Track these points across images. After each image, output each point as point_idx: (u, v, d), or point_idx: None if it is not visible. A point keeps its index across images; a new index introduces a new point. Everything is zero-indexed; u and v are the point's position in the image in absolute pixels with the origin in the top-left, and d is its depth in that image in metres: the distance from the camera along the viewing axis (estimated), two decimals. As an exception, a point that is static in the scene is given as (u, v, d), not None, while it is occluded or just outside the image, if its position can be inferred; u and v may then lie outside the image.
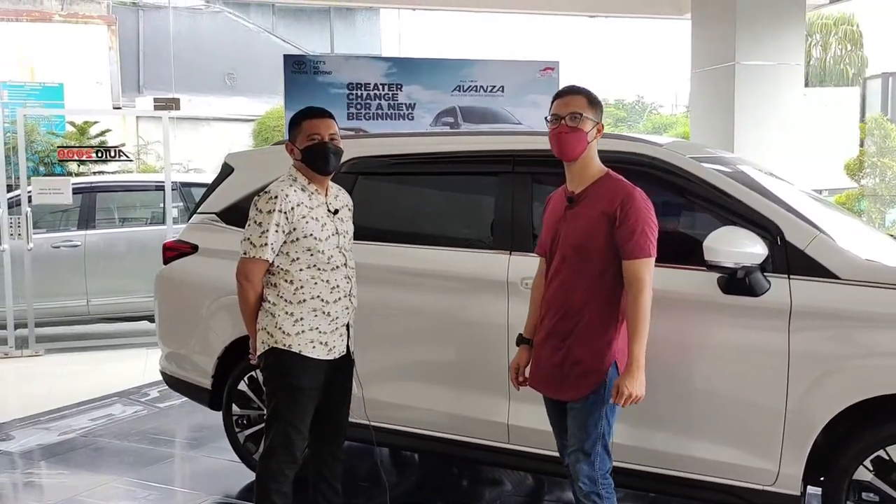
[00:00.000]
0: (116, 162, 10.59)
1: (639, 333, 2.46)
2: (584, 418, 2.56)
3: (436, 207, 3.53)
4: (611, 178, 2.63)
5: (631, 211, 2.50)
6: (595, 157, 2.66)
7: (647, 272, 2.49)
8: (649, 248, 2.50)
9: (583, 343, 2.57)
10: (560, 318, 2.63)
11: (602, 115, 2.65)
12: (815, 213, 3.02)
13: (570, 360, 2.59)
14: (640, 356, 2.46)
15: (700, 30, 7.43)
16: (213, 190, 4.16)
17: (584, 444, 2.55)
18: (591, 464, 2.55)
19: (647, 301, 2.48)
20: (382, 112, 7.70)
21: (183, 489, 3.93)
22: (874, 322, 2.62)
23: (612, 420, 2.59)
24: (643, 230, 2.49)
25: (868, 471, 2.65)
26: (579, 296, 2.58)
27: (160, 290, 4.21)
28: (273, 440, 2.86)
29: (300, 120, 2.93)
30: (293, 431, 2.85)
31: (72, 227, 7.82)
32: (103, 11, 18.63)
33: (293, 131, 2.93)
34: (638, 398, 2.47)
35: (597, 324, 2.56)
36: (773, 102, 7.06)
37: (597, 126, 2.61)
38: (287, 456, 2.85)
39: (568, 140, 2.58)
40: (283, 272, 2.81)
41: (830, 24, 22.21)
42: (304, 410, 2.87)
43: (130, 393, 5.67)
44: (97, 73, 17.84)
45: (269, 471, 2.86)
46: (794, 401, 2.70)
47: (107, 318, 7.80)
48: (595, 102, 2.63)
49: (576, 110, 2.58)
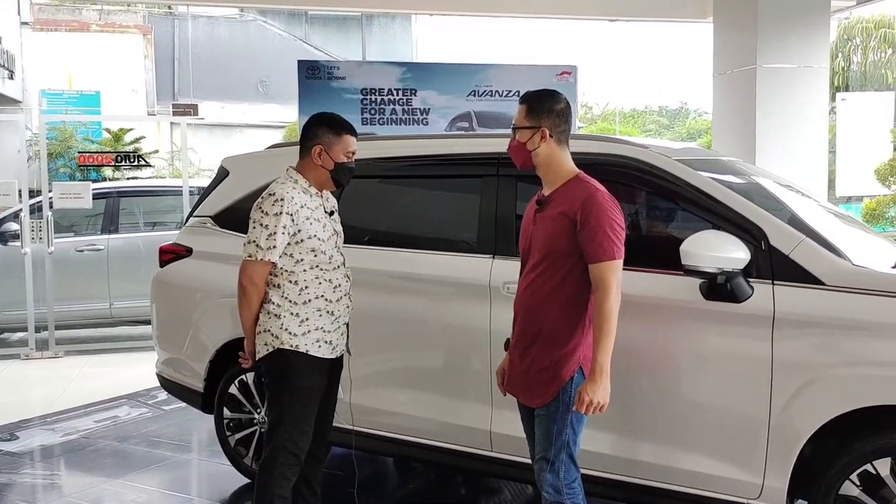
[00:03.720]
0: (148, 167, 10.82)
1: (603, 339, 2.37)
2: (548, 426, 2.49)
3: (420, 211, 3.49)
4: (577, 181, 2.55)
5: (592, 213, 2.41)
6: (560, 160, 2.58)
7: (612, 275, 2.40)
8: (613, 251, 2.41)
9: (547, 348, 2.51)
10: (527, 322, 2.58)
11: (551, 117, 2.54)
12: (812, 219, 2.91)
13: (535, 366, 2.53)
14: (603, 362, 2.37)
15: (722, 33, 7.28)
16: (209, 193, 4.19)
17: (548, 452, 2.49)
18: (555, 473, 2.48)
19: (612, 306, 2.38)
20: (396, 117, 7.71)
21: (173, 492, 3.93)
22: (861, 330, 2.50)
23: (578, 428, 2.50)
24: (605, 232, 2.40)
25: (855, 486, 2.52)
26: (544, 300, 2.52)
27: (156, 294, 4.25)
28: (277, 442, 2.83)
29: (341, 131, 2.88)
30: (298, 433, 2.83)
31: (96, 231, 7.99)
32: (139, 21, 19.10)
33: (327, 136, 2.86)
34: (601, 406, 2.38)
35: (562, 329, 2.49)
36: (796, 107, 6.87)
37: (537, 132, 2.54)
38: (291, 458, 2.83)
39: (512, 153, 2.65)
40: (288, 273, 2.81)
41: (871, 27, 21.62)
42: (310, 411, 2.86)
43: (139, 395, 5.74)
44: (133, 81, 18.30)
45: (271, 475, 2.83)
46: (778, 411, 2.59)
47: (129, 320, 7.94)
48: (535, 108, 2.56)
49: (514, 124, 2.62)
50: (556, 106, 2.57)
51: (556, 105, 2.57)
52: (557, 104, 2.58)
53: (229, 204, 4.00)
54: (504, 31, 23.51)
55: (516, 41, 24.42)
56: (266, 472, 2.85)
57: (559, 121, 2.56)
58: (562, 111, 2.58)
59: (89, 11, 18.53)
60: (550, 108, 2.56)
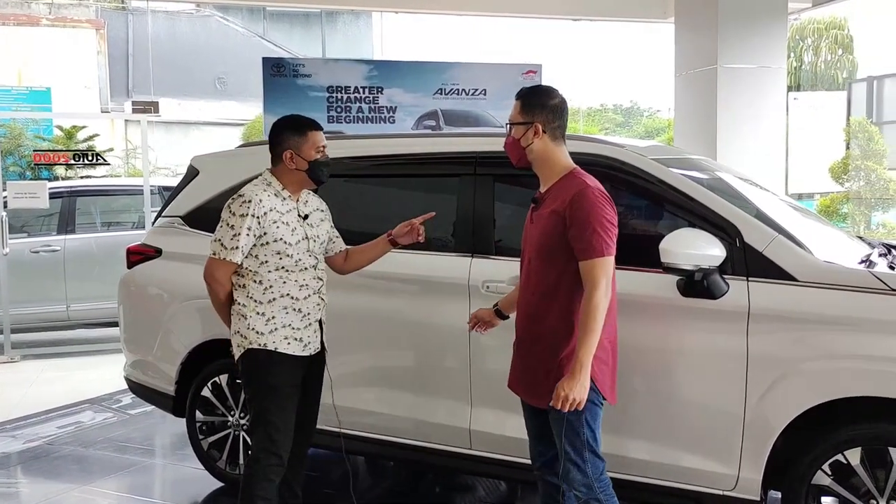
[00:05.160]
0: (103, 166, 10.54)
1: (586, 335, 2.33)
2: (561, 426, 2.45)
3: (398, 210, 3.46)
4: (570, 177, 2.51)
5: (581, 209, 2.38)
6: (555, 157, 2.55)
7: (601, 272, 2.36)
8: (602, 248, 2.37)
9: (549, 351, 2.48)
10: (527, 323, 2.56)
11: (545, 113, 2.52)
12: (780, 216, 2.98)
13: (539, 368, 2.51)
14: (584, 359, 2.33)
15: (683, 33, 7.42)
16: (179, 193, 4.11)
17: (571, 453, 2.44)
18: (583, 472, 2.44)
19: (598, 302, 2.34)
20: (363, 115, 7.67)
21: (144, 498, 3.85)
22: (832, 325, 2.58)
23: (594, 424, 2.46)
24: (594, 228, 2.36)
25: (827, 475, 2.60)
26: (542, 301, 2.49)
27: (124, 296, 4.15)
28: (257, 444, 2.83)
29: (304, 129, 2.85)
30: (275, 432, 2.81)
31: (51, 231, 7.76)
32: (91, 15, 18.60)
33: (293, 139, 2.83)
34: (578, 402, 2.34)
35: (561, 329, 2.46)
36: (755, 106, 7.04)
37: (531, 127, 2.53)
38: (272, 458, 2.81)
39: (507, 149, 2.64)
40: (252, 273, 2.80)
41: (822, 28, 22.26)
42: (285, 409, 2.83)
43: (102, 400, 5.60)
44: (85, 77, 17.79)
45: (254, 477, 2.82)
46: (753, 404, 2.65)
47: (87, 323, 7.74)
48: (529, 104, 2.55)
49: (508, 120, 2.61)
50: (549, 101, 2.54)
51: (550, 100, 2.54)
52: (551, 99, 2.55)
53: (199, 203, 3.92)
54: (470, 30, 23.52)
55: (483, 40, 24.44)
56: (248, 474, 2.85)
57: (553, 116, 2.53)
58: (556, 106, 2.54)
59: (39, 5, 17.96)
60: (544, 103, 2.53)
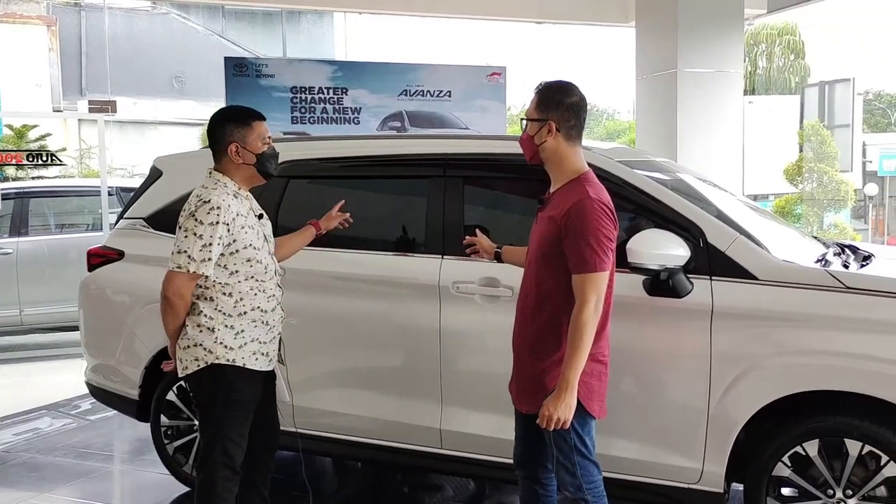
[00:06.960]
0: (57, 166, 10.29)
1: (574, 353, 2.27)
2: (549, 434, 2.42)
3: (368, 211, 3.48)
4: (576, 183, 2.41)
5: (577, 220, 2.30)
6: (567, 157, 2.45)
7: (592, 288, 2.28)
8: (595, 263, 2.28)
9: (534, 357, 2.46)
10: (520, 326, 2.54)
11: (560, 111, 2.42)
12: (740, 216, 3.07)
13: (524, 373, 2.52)
14: (570, 378, 2.27)
15: (644, 37, 7.55)
16: (141, 194, 4.04)
17: (560, 457, 2.43)
18: (572, 474, 2.43)
19: (587, 320, 2.27)
20: (327, 116, 7.63)
21: (107, 504, 3.79)
22: (790, 321, 2.67)
23: (583, 430, 2.42)
24: (588, 242, 2.28)
25: (786, 467, 2.69)
26: (535, 306, 2.46)
27: (85, 299, 4.06)
28: (214, 458, 2.72)
29: (248, 119, 2.75)
30: (233, 446, 2.74)
31: (3, 234, 7.56)
32: (42, 11, 18.13)
33: (238, 131, 2.72)
34: (563, 422, 2.30)
35: (548, 336, 2.42)
36: (714, 109, 7.21)
37: (545, 125, 2.43)
38: (229, 472, 2.74)
39: (522, 145, 2.55)
40: (221, 285, 2.67)
41: (775, 34, 22.89)
42: (244, 424, 2.77)
43: (60, 405, 5.46)
44: (36, 75, 17.33)
45: (213, 490, 2.72)
46: (716, 400, 2.73)
47: (41, 328, 7.55)
48: (545, 100, 2.44)
49: (525, 116, 2.52)
50: (566, 99, 2.43)
51: (568, 98, 2.43)
52: (568, 97, 2.43)
53: (163, 205, 3.86)
54: (435, 32, 23.63)
55: (447, 42, 24.56)
56: (206, 490, 2.74)
57: (569, 115, 2.42)
58: (573, 105, 2.43)
59: (-13, 0, 17.45)
60: (560, 100, 2.42)
